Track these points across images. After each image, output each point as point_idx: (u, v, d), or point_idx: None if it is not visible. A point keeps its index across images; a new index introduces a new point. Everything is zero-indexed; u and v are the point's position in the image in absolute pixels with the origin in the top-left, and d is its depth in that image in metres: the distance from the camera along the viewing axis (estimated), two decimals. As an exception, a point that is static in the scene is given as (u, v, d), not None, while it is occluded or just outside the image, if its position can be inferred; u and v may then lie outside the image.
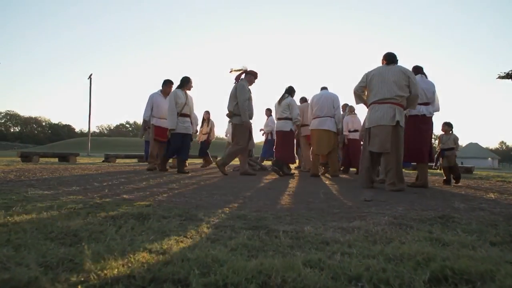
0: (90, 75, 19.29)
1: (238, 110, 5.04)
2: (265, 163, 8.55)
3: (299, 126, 5.99)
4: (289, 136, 5.63)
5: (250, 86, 5.26)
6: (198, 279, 0.79)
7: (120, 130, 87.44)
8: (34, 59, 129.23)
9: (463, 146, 59.80)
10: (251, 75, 5.27)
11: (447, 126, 4.86)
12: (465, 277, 0.87)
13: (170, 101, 5.38)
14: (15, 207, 1.79)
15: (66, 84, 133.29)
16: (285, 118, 5.57)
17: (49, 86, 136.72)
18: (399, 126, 3.52)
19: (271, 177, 5.03)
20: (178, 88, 5.52)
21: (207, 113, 8.11)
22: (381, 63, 3.80)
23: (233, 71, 5.23)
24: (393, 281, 0.83)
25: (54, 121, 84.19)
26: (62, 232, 1.23)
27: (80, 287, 0.74)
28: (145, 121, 5.94)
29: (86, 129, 20.03)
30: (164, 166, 5.64)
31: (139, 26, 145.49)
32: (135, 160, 10.58)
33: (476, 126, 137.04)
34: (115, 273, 0.79)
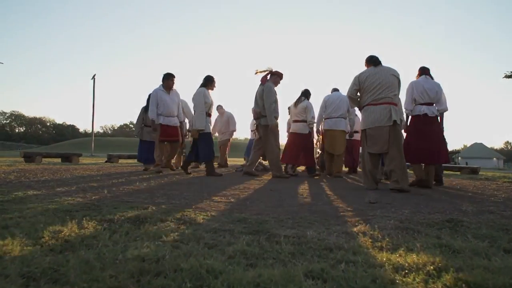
0: (94, 75, 19.29)
1: (265, 111, 5.05)
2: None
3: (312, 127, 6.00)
4: (307, 138, 5.69)
5: (275, 87, 5.25)
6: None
7: (124, 130, 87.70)
8: (39, 59, 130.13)
9: (468, 146, 59.33)
10: (277, 76, 5.25)
11: None
12: (480, 290, 0.80)
13: (199, 100, 5.10)
14: (10, 210, 1.75)
15: (71, 84, 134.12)
16: (302, 121, 5.59)
17: (53, 87, 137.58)
18: (396, 125, 3.53)
19: (273, 178, 4.96)
20: (203, 87, 5.23)
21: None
22: (365, 66, 3.84)
23: (258, 72, 5.17)
24: (402, 295, 0.76)
25: (59, 121, 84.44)
26: (54, 237, 1.18)
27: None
28: (153, 121, 5.40)
29: (90, 129, 20.05)
30: (187, 168, 5.39)
31: (143, 26, 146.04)
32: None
33: (481, 126, 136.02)
34: (101, 287, 0.74)
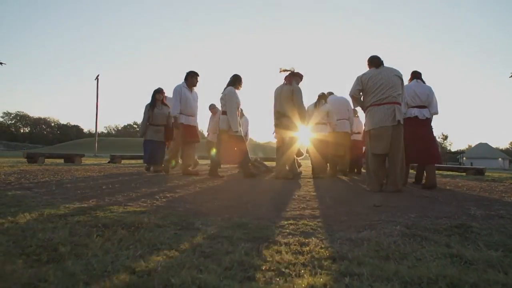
0: (97, 76, 19.36)
1: (290, 113, 4.97)
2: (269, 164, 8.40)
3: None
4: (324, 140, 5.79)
5: None
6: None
7: (127, 131, 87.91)
8: (43, 60, 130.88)
9: (473, 146, 58.82)
10: (298, 77, 5.20)
11: None
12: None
13: (233, 100, 4.89)
14: (4, 214, 1.70)
15: (75, 84, 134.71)
16: (323, 123, 5.64)
17: (58, 87, 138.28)
18: (400, 125, 3.55)
19: (275, 180, 4.89)
20: (231, 86, 5.00)
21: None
22: (367, 67, 3.82)
23: (282, 70, 5.10)
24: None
25: (63, 121, 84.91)
26: (42, 245, 1.12)
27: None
28: (175, 119, 5.10)
29: (94, 130, 20.10)
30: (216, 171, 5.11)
31: (147, 27, 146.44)
32: (141, 161, 10.52)
33: (486, 126, 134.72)
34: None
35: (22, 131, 77.93)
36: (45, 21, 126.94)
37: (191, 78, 5.21)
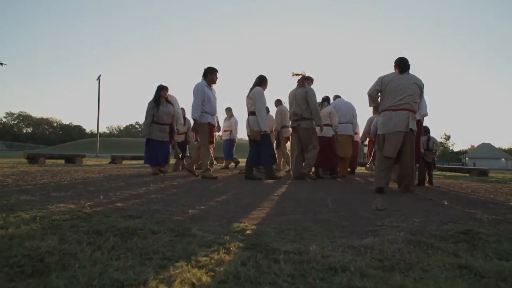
0: (99, 76, 19.42)
1: (308, 114, 5.08)
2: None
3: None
4: (332, 141, 5.85)
5: None
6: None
7: (130, 131, 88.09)
8: (45, 60, 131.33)
9: (475, 146, 58.51)
10: (309, 81, 5.35)
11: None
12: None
13: (262, 100, 4.89)
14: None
15: (78, 85, 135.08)
16: (326, 125, 5.67)
17: (60, 87, 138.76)
18: (412, 132, 3.72)
19: (276, 182, 4.84)
20: (258, 86, 4.97)
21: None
22: (393, 68, 3.87)
23: (295, 74, 5.20)
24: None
25: (65, 121, 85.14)
26: (28, 255, 1.06)
27: None
28: (195, 121, 4.85)
29: (96, 130, 20.12)
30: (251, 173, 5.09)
31: (149, 27, 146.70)
32: (142, 162, 10.48)
33: (488, 126, 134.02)
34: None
35: (24, 131, 78.27)
36: (47, 22, 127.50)
37: (211, 75, 4.96)
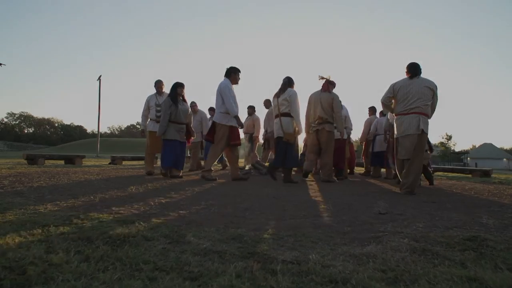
0: (99, 76, 19.38)
1: (331, 118, 5.19)
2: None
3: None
4: (343, 143, 6.12)
5: None
6: None
7: (130, 131, 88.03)
8: (46, 60, 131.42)
9: (477, 146, 58.29)
10: (332, 85, 5.40)
11: None
12: None
13: (297, 102, 4.77)
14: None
15: (79, 85, 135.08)
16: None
17: (61, 88, 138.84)
18: (424, 134, 3.80)
19: (276, 183, 4.77)
20: (290, 88, 4.87)
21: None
22: (405, 74, 3.97)
23: (320, 78, 5.28)
24: None
25: (66, 122, 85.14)
26: (10, 267, 1.00)
27: None
28: (239, 120, 4.77)
29: (97, 130, 20.10)
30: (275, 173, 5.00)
31: (149, 28, 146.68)
32: (142, 162, 10.43)
33: (490, 126, 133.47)
34: None
35: (26, 131, 78.33)
36: (48, 22, 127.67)
37: (235, 74, 4.83)
